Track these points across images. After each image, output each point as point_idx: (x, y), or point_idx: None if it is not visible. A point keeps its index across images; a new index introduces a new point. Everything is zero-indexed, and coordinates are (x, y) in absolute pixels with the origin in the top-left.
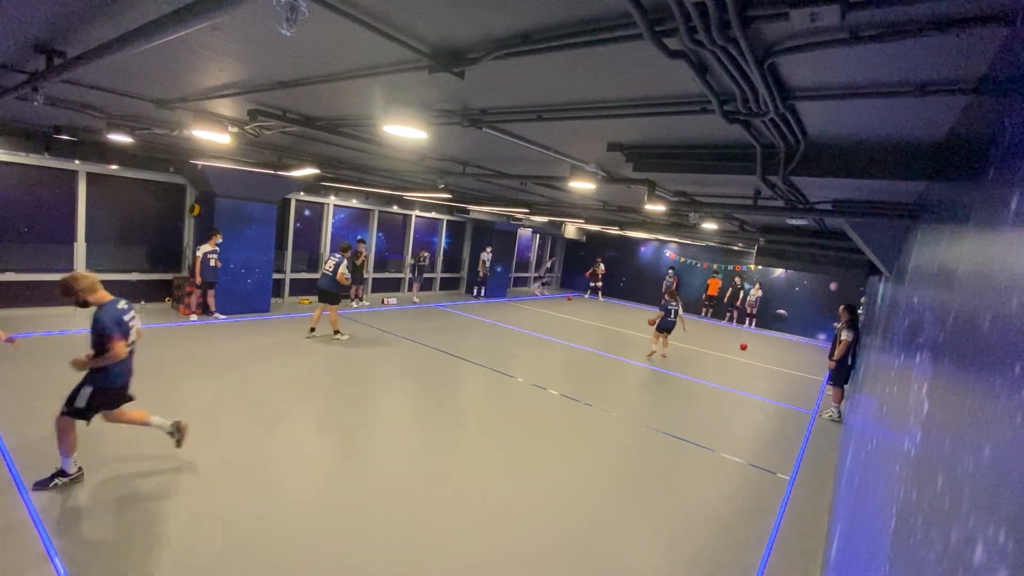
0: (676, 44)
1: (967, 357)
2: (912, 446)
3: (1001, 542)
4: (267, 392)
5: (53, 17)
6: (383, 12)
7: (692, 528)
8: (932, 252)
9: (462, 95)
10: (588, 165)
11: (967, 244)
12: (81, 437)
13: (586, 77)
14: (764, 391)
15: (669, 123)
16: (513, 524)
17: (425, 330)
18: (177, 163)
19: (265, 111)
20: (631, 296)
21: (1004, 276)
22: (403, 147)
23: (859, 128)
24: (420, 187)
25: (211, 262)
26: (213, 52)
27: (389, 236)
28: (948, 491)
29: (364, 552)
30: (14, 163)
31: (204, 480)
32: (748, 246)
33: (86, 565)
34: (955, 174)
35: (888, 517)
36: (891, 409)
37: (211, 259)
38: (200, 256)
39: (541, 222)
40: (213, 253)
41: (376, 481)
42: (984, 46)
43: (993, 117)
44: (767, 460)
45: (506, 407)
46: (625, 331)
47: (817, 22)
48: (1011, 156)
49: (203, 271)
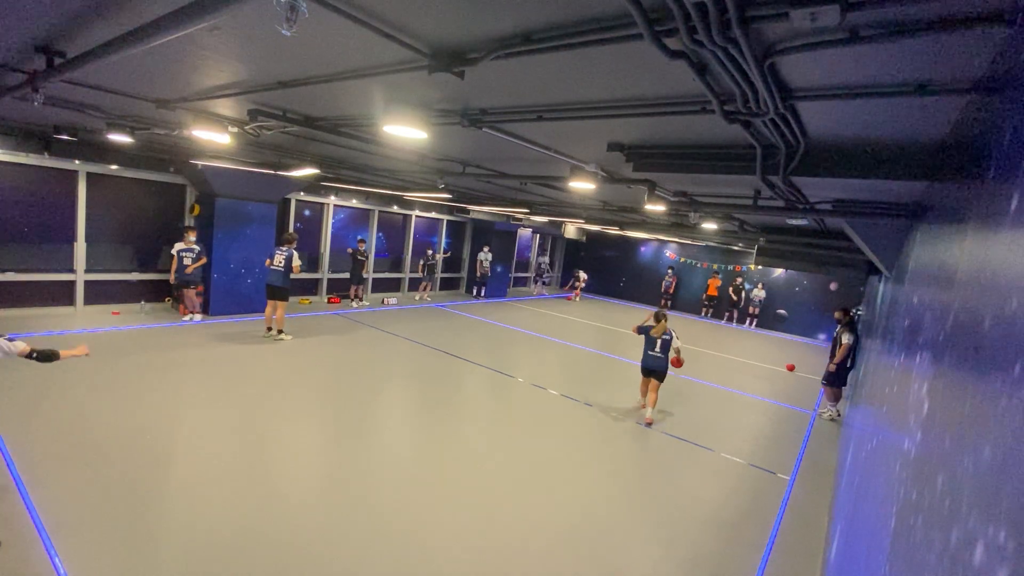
0: (676, 44)
1: (967, 357)
2: (912, 446)
3: (1001, 542)
4: (266, 392)
5: (53, 17)
6: (383, 12)
7: (692, 528)
8: (932, 252)
9: (462, 95)
10: (588, 165)
11: (967, 244)
12: (81, 437)
13: (586, 77)
14: (764, 391)
15: (669, 123)
16: (513, 524)
17: (425, 330)
18: (177, 163)
19: (265, 111)
20: (631, 296)
21: (1004, 276)
22: (403, 147)
23: (859, 128)
24: (420, 187)
25: (185, 260)
26: (213, 52)
27: (389, 236)
28: (948, 491)
29: (364, 551)
30: (14, 163)
31: (204, 480)
32: (748, 246)
33: (86, 565)
34: (955, 174)
35: (888, 517)
36: (891, 409)
37: (185, 257)
38: (175, 254)
39: (541, 222)
40: (188, 252)
41: (376, 480)
42: (984, 46)
43: (993, 117)
44: (767, 460)
45: (506, 407)
46: (625, 331)
47: (817, 22)
48: (1011, 156)
49: (177, 270)
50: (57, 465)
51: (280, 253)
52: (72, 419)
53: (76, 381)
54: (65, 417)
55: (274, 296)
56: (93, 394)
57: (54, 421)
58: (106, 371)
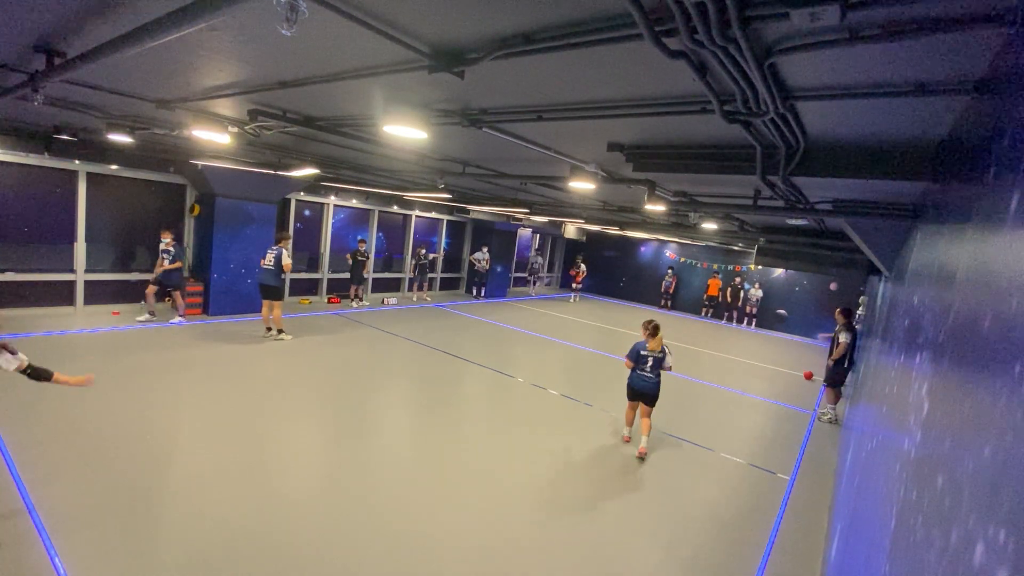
0: (676, 44)
1: (967, 357)
2: (912, 446)
3: (1001, 542)
4: (266, 392)
5: (53, 17)
6: (383, 12)
7: (692, 528)
8: (932, 252)
9: (462, 95)
10: (588, 165)
11: (967, 244)
12: (81, 437)
13: (586, 77)
14: (764, 391)
15: (669, 123)
16: (513, 523)
17: (425, 330)
18: (177, 163)
19: (265, 111)
20: (631, 296)
21: (1004, 276)
22: (403, 147)
23: (859, 128)
24: (420, 187)
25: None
26: (213, 52)
27: (389, 236)
28: (948, 491)
29: (364, 551)
30: (14, 163)
31: (204, 479)
32: (748, 246)
33: (86, 565)
34: (955, 174)
35: (888, 517)
36: (891, 409)
37: (164, 259)
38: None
39: (541, 222)
40: (166, 253)
41: (376, 480)
42: (984, 46)
43: (993, 117)
44: (767, 460)
45: (506, 407)
46: (625, 331)
47: (817, 22)
48: (1011, 156)
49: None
50: (57, 465)
51: (270, 252)
52: (72, 419)
53: None
54: (65, 417)
55: (267, 295)
56: (93, 394)
57: (54, 421)
58: (106, 371)
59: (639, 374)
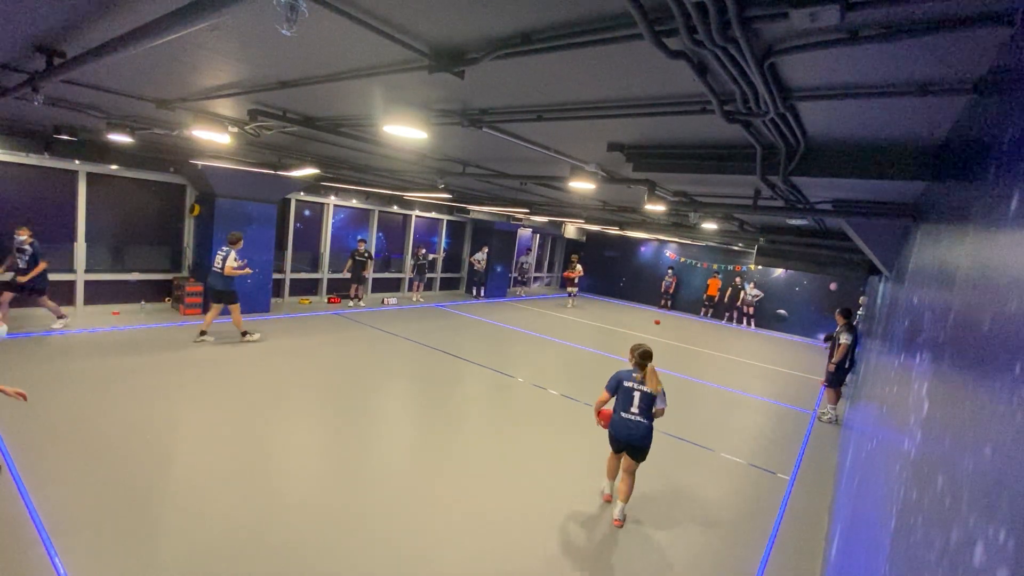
0: (676, 44)
1: (967, 357)
2: (912, 446)
3: (1001, 542)
4: (266, 392)
5: (53, 17)
6: (383, 12)
7: (692, 528)
8: (932, 252)
9: (462, 95)
10: (588, 165)
11: (967, 244)
12: (81, 437)
13: (586, 77)
14: (764, 391)
15: (669, 123)
16: (513, 523)
17: (424, 330)
18: (177, 163)
19: (265, 111)
20: (631, 296)
21: (1004, 276)
22: (403, 147)
23: (859, 128)
24: (420, 187)
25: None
26: (213, 52)
27: (389, 236)
28: (948, 491)
29: (364, 551)
30: (14, 163)
31: (204, 479)
32: (748, 246)
33: (86, 565)
34: (955, 174)
35: (888, 517)
36: (891, 409)
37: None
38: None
39: (541, 222)
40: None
41: (375, 480)
42: (984, 46)
43: (993, 117)
44: (767, 460)
45: (506, 407)
46: (625, 331)
47: (817, 22)
48: (1011, 156)
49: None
50: (57, 465)
51: (219, 253)
52: (72, 419)
53: (76, 381)
54: (65, 417)
55: (215, 298)
56: (93, 394)
57: (54, 421)
58: (106, 371)
59: (623, 417)
